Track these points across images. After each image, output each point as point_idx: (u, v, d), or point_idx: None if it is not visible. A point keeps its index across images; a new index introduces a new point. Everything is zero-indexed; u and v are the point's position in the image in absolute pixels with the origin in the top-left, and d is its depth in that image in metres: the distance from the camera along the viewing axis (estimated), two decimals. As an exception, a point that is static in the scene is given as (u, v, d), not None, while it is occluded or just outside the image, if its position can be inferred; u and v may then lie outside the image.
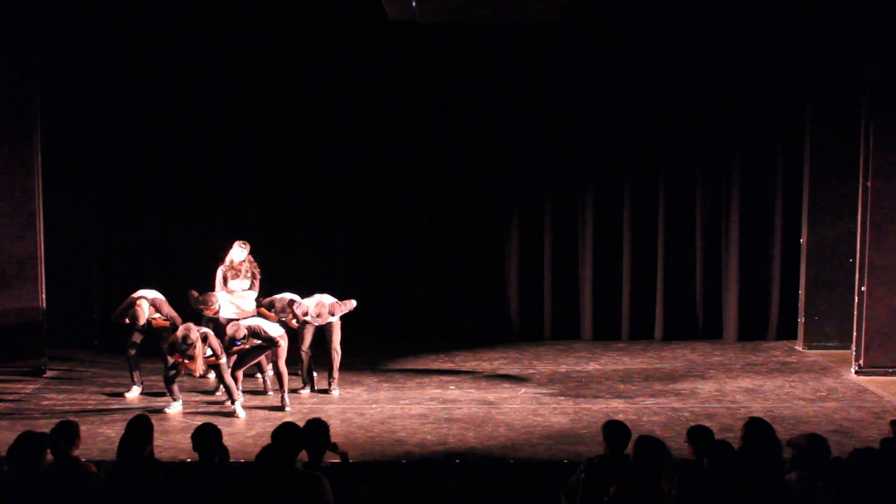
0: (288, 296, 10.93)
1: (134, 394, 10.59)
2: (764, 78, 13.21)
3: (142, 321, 10.43)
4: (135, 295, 10.60)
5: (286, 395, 10.14)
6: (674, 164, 13.55)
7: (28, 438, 6.21)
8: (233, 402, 9.86)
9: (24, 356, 11.38)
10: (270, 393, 10.65)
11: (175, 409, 9.95)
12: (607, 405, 10.24)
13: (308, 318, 10.52)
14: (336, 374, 10.73)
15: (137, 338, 10.64)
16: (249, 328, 9.98)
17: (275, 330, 10.13)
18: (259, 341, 10.03)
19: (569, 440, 9.05)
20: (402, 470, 8.37)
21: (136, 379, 10.66)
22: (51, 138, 11.89)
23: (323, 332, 10.72)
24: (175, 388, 9.98)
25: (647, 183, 13.56)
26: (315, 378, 10.83)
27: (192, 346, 9.47)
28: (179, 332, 9.64)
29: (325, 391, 10.70)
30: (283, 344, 10.09)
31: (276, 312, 10.82)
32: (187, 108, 13.29)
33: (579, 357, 12.66)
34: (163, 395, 10.22)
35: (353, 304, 10.81)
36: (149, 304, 10.51)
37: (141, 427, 6.40)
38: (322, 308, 10.51)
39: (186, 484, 6.19)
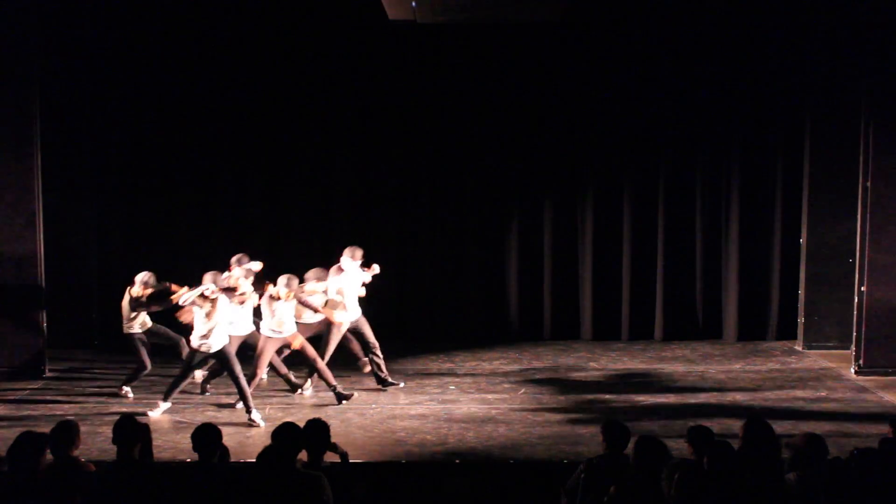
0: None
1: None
2: (764, 79, 13.22)
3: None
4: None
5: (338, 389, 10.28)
6: (674, 164, 13.55)
7: (28, 438, 6.21)
8: (249, 412, 9.65)
9: (24, 356, 11.38)
10: (308, 391, 10.64)
11: (159, 412, 9.84)
12: (607, 405, 10.23)
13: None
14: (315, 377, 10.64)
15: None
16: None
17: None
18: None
19: (569, 440, 9.05)
20: (402, 470, 8.37)
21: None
22: (51, 138, 11.89)
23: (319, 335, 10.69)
24: (176, 392, 9.94)
25: (646, 183, 13.56)
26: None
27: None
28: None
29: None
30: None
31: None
32: (187, 108, 13.30)
33: (579, 357, 12.66)
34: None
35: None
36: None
37: (125, 429, 6.34)
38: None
39: (186, 484, 6.19)
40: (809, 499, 5.90)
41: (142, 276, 10.48)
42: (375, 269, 10.95)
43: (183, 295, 9.71)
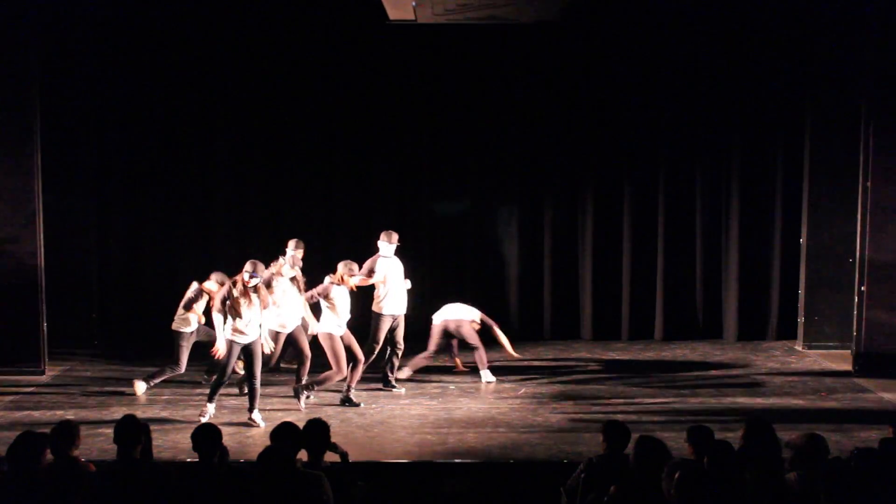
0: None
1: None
2: (764, 78, 13.22)
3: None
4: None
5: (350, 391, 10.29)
6: (674, 163, 13.56)
7: (28, 438, 6.21)
8: (250, 411, 9.54)
9: (24, 356, 11.36)
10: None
11: (207, 416, 9.52)
12: (607, 405, 10.23)
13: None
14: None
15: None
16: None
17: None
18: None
19: (569, 440, 9.04)
20: (402, 470, 8.37)
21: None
22: (51, 138, 11.89)
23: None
24: (219, 392, 9.74)
25: (647, 183, 13.57)
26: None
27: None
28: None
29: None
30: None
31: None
32: (187, 108, 13.32)
33: (579, 357, 12.67)
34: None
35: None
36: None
37: (127, 429, 6.34)
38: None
39: (186, 484, 6.19)
40: (809, 499, 5.90)
41: (220, 275, 10.47)
42: (407, 284, 11.01)
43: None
